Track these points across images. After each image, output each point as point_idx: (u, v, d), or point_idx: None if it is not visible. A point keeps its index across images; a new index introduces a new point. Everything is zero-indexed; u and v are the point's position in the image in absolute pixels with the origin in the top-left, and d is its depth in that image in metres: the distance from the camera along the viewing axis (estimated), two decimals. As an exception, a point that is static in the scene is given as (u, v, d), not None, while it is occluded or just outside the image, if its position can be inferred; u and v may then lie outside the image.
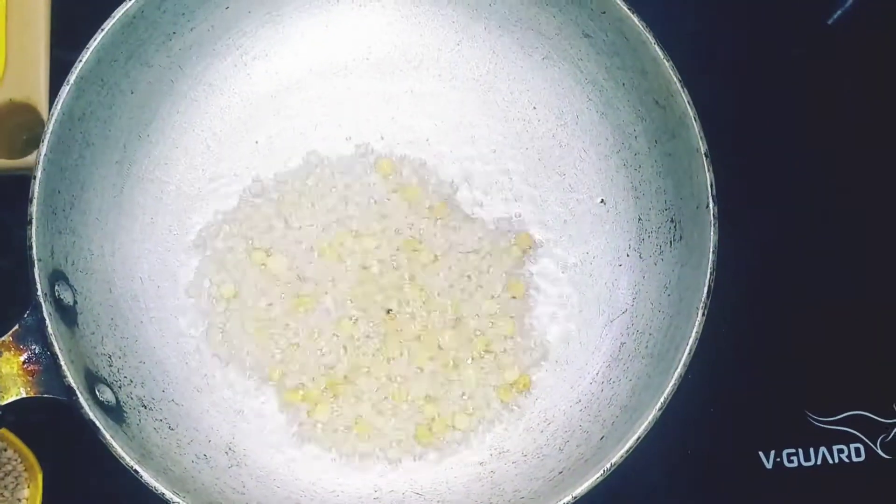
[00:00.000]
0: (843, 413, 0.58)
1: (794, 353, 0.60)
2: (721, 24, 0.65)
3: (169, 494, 0.42)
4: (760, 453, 0.58)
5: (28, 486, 0.57)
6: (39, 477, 0.56)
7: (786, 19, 0.66)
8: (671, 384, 0.45)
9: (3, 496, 0.56)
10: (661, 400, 0.44)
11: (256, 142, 0.56)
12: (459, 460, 0.51)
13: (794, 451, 0.58)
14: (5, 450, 0.57)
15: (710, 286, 0.46)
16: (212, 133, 0.55)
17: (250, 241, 0.54)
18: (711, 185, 0.47)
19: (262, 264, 0.53)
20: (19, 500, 0.56)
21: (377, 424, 0.51)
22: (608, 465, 0.43)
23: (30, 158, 0.55)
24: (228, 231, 0.54)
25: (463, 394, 0.51)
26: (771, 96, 0.65)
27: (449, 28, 0.57)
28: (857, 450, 0.58)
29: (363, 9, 0.57)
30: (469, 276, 0.53)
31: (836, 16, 0.67)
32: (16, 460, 0.57)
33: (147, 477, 0.42)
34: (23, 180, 0.55)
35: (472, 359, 0.52)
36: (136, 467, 0.42)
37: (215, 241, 0.54)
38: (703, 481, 0.58)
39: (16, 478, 0.57)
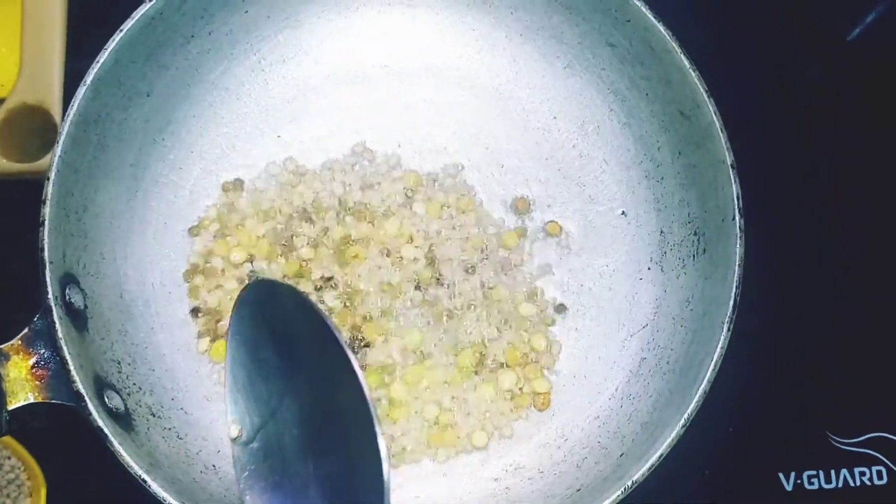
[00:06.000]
0: (865, 435, 0.58)
1: (816, 374, 0.59)
2: (743, 35, 0.65)
3: (177, 505, 0.41)
4: (780, 475, 0.57)
5: (31, 496, 0.56)
6: (42, 489, 0.55)
7: (805, 36, 0.66)
8: (695, 401, 0.43)
9: (5, 505, 0.56)
10: (685, 417, 0.43)
11: (271, 148, 0.55)
12: (473, 476, 0.50)
13: (814, 472, 0.57)
14: (9, 458, 0.56)
15: (735, 300, 0.45)
16: (227, 138, 0.55)
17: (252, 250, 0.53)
18: (738, 197, 0.46)
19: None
20: (21, 509, 0.56)
21: (393, 436, 0.50)
22: (629, 483, 0.42)
23: (42, 162, 0.55)
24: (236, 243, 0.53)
25: (479, 409, 0.50)
26: (790, 112, 0.64)
27: (469, 36, 0.56)
28: (879, 472, 0.57)
29: (383, 16, 0.56)
30: (485, 291, 0.52)
31: (855, 33, 0.67)
32: (19, 468, 0.56)
33: (155, 487, 0.41)
34: (34, 185, 0.55)
35: (489, 374, 0.51)
36: (145, 476, 0.41)
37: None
38: (721, 502, 0.57)
39: (18, 486, 0.56)
